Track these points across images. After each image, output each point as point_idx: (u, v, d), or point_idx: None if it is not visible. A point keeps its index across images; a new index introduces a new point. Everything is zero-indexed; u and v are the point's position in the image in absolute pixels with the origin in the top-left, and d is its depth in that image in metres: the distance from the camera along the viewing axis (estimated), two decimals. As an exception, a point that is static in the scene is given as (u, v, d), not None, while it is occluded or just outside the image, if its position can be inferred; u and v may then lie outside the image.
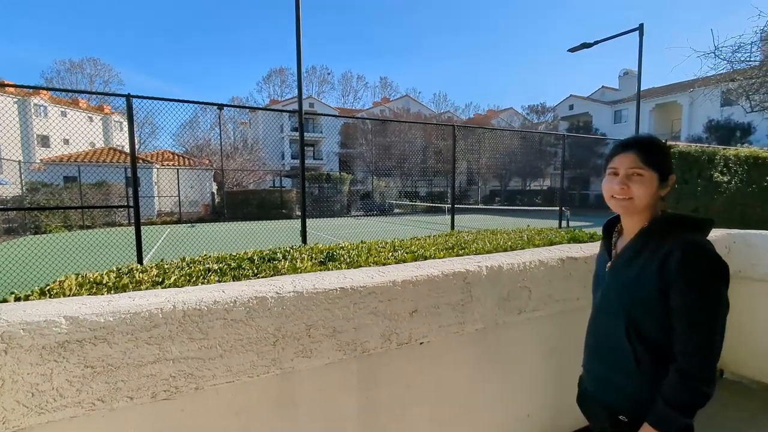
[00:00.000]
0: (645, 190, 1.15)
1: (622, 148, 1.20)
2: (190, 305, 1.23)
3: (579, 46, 11.89)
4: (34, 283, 6.83)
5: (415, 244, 3.08)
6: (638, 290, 1.13)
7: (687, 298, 1.05)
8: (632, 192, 1.16)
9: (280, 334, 1.38)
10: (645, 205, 1.16)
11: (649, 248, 1.14)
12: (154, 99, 5.33)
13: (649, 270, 1.11)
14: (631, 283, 1.15)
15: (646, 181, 1.15)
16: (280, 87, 59.84)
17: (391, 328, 1.60)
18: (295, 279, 1.52)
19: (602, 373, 1.28)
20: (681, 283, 1.05)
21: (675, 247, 1.08)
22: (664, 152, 1.18)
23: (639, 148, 1.17)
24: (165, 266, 2.32)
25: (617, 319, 1.19)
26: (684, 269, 1.05)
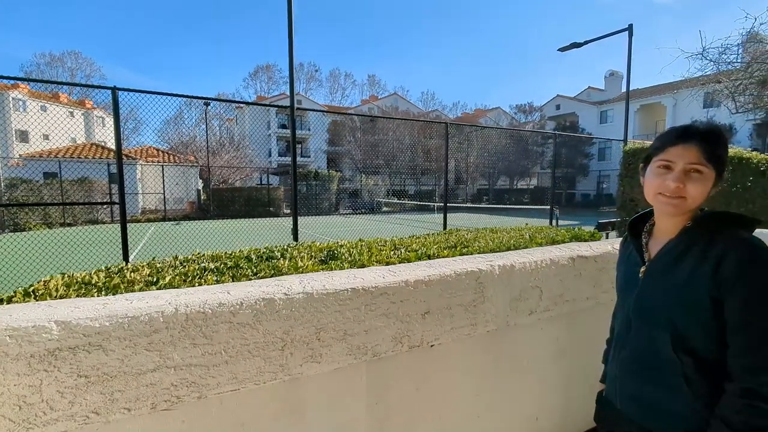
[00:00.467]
0: (703, 189, 0.98)
1: (681, 138, 1.00)
2: (194, 308, 1.14)
3: (569, 45, 11.96)
4: (13, 283, 6.56)
5: (415, 243, 3.01)
6: (687, 298, 0.98)
7: (751, 307, 0.89)
8: (687, 191, 0.98)
9: (289, 338, 1.29)
10: (696, 206, 1.02)
11: (697, 249, 0.99)
12: (140, 92, 5.15)
13: (700, 274, 0.95)
14: (677, 289, 0.99)
15: (706, 180, 0.98)
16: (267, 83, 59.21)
17: (403, 331, 1.52)
18: (303, 279, 1.43)
19: (641, 392, 1.10)
20: (742, 290, 0.90)
21: (731, 247, 0.93)
22: (726, 146, 1.01)
23: (703, 139, 0.98)
24: (157, 265, 2.20)
25: (660, 331, 1.03)
26: (746, 274, 0.90)
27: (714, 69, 10.20)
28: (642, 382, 1.09)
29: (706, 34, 37.16)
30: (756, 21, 8.81)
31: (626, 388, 1.14)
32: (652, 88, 36.31)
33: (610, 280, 2.22)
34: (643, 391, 1.09)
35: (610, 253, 2.21)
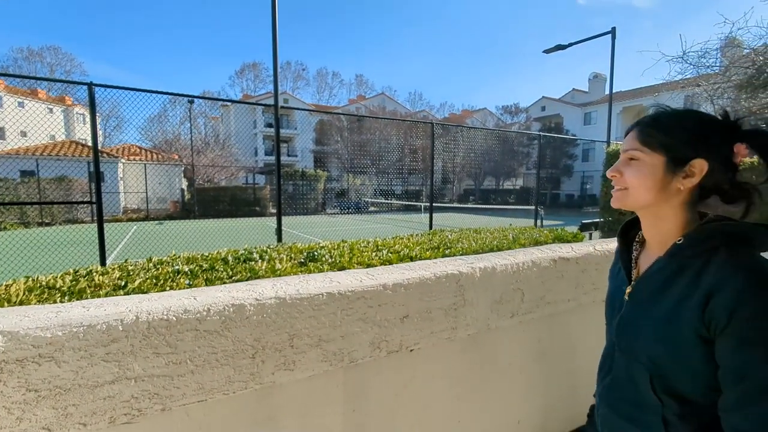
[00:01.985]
0: (640, 177, 0.85)
1: (630, 126, 0.92)
2: (156, 315, 1.08)
3: (553, 47, 12.09)
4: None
5: (398, 243, 2.97)
6: (669, 336, 0.82)
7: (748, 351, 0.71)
8: (625, 180, 0.88)
9: (260, 346, 1.23)
10: (643, 200, 0.86)
11: (689, 274, 0.81)
12: (118, 88, 5.00)
13: (686, 308, 0.79)
14: (659, 324, 0.84)
15: (645, 166, 0.85)
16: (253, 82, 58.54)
17: (381, 336, 1.48)
18: (276, 283, 1.38)
19: (617, 427, 0.98)
20: (738, 329, 0.72)
21: (727, 275, 0.75)
22: (675, 125, 0.84)
23: (640, 124, 0.88)
24: (129, 268, 2.11)
25: (639, 366, 0.88)
26: (737, 317, 0.72)
27: (694, 72, 10.42)
28: (619, 417, 0.96)
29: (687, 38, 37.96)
30: (734, 26, 9.03)
31: (606, 420, 1.02)
32: (634, 91, 37.01)
33: (592, 282, 2.22)
34: (622, 427, 0.96)
35: (591, 254, 2.20)
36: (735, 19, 9.14)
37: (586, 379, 2.38)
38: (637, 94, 35.73)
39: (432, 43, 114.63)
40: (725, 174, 0.83)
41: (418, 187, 33.32)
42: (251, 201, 24.40)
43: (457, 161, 34.67)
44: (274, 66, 5.56)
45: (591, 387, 2.42)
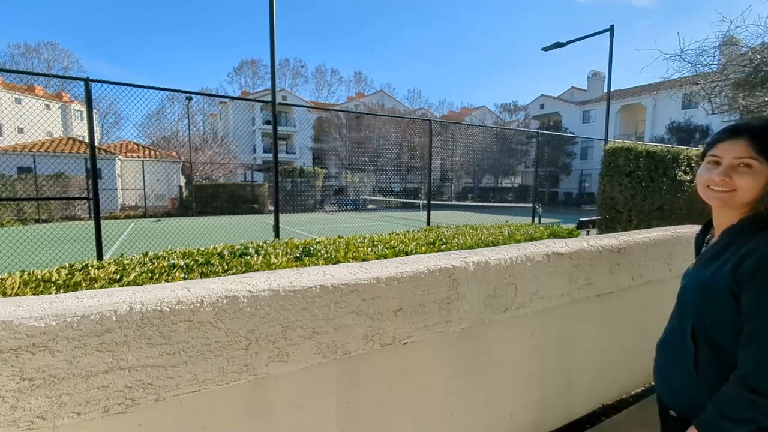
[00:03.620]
0: (753, 183, 0.99)
1: (730, 134, 1.04)
2: (150, 306, 1.09)
3: (552, 45, 12.08)
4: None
5: (394, 239, 2.98)
6: (711, 290, 1.03)
7: (757, 307, 0.93)
8: (736, 184, 1.02)
9: (254, 337, 1.24)
10: (749, 200, 1.02)
11: (732, 248, 1.01)
12: (116, 84, 4.98)
13: (725, 270, 1.00)
14: (706, 282, 1.05)
15: (756, 174, 0.99)
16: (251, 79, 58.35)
17: (375, 329, 1.49)
18: (270, 276, 1.39)
19: (662, 366, 1.22)
20: (755, 285, 0.93)
21: (756, 247, 0.95)
22: None
23: (752, 134, 1.00)
24: (125, 262, 2.12)
25: (687, 317, 1.11)
26: (760, 274, 0.92)
27: (691, 71, 10.43)
28: (665, 359, 1.20)
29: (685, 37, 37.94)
30: (731, 24, 9.04)
31: (657, 363, 1.25)
32: (633, 89, 37.04)
33: (585, 277, 2.24)
34: (664, 366, 1.20)
35: (585, 250, 2.22)
36: (733, 18, 9.17)
37: (581, 375, 2.40)
38: (635, 93, 35.76)
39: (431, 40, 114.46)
40: None
41: (417, 184, 33.32)
42: (249, 198, 24.38)
43: (455, 159, 34.67)
44: (272, 62, 5.55)
45: (587, 383, 2.45)
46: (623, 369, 2.68)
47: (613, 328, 2.55)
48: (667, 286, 2.83)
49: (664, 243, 2.67)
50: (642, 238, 2.55)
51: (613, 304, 2.50)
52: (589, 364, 2.45)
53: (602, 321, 2.47)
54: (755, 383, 0.92)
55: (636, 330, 2.68)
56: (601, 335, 2.48)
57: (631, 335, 2.66)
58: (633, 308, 2.64)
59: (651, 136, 31.92)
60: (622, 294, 2.51)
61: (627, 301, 2.59)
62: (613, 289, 2.41)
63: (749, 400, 0.92)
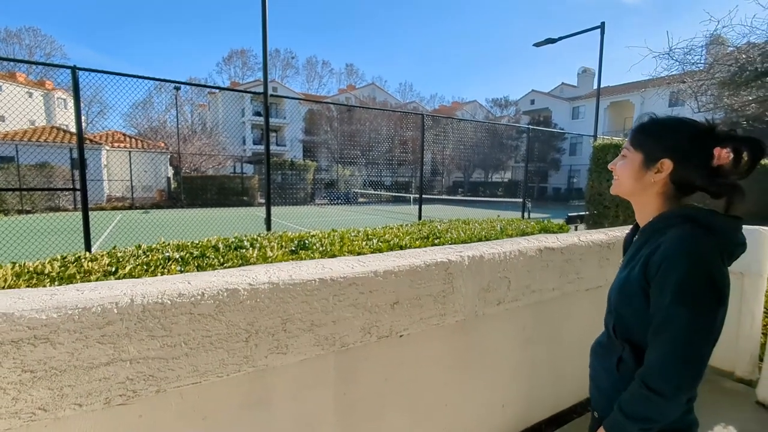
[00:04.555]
0: (625, 170, 1.08)
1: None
2: (151, 298, 1.09)
3: (544, 41, 12.15)
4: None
5: (388, 233, 3.00)
6: (627, 288, 1.03)
7: (661, 300, 0.92)
8: (617, 172, 1.12)
9: (254, 330, 1.26)
10: (627, 186, 1.08)
11: (649, 245, 1.00)
12: (103, 72, 4.88)
13: (637, 267, 1.01)
14: (623, 280, 1.06)
15: (627, 161, 1.08)
16: (241, 69, 57.49)
17: (372, 321, 1.51)
18: (270, 269, 1.40)
19: (593, 368, 1.23)
20: (658, 282, 0.93)
21: (663, 241, 0.95)
22: (656, 132, 1.04)
23: (633, 128, 1.11)
24: (118, 254, 2.11)
25: (609, 317, 1.14)
26: (664, 267, 0.92)
27: (679, 69, 10.59)
28: (596, 361, 1.22)
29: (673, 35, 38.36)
30: (719, 24, 9.19)
31: (591, 367, 1.26)
32: (621, 86, 37.42)
33: (576, 271, 2.29)
34: (593, 365, 1.23)
35: (576, 245, 2.27)
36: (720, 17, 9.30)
37: (570, 367, 2.46)
38: (624, 90, 36.14)
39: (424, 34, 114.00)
40: (696, 172, 0.98)
41: (408, 178, 33.33)
42: (239, 190, 24.16)
43: (446, 153, 34.76)
44: (264, 52, 5.49)
45: (575, 374, 2.51)
46: (610, 361, 2.75)
47: (600, 321, 2.60)
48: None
49: (652, 238, 2.74)
50: (631, 234, 2.61)
51: (601, 297, 2.55)
52: (578, 357, 2.51)
53: (591, 314, 2.52)
54: (650, 380, 0.92)
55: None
56: (589, 328, 2.54)
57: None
58: (621, 302, 2.70)
59: (638, 132, 32.29)
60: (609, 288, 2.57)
61: (615, 295, 2.65)
62: (602, 283, 2.47)
63: (644, 396, 0.92)
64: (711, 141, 0.96)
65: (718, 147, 0.95)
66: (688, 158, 0.98)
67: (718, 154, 0.94)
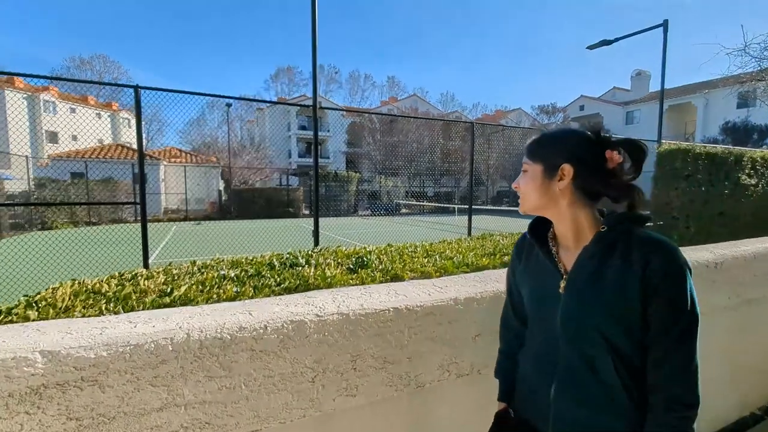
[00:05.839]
0: (529, 184, 1.03)
1: None
2: (209, 333, 0.94)
3: (598, 43, 11.49)
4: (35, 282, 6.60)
5: (448, 248, 2.78)
6: (617, 306, 0.90)
7: (674, 308, 0.87)
8: (520, 188, 1.06)
9: (321, 368, 1.08)
10: (533, 201, 1.02)
11: (616, 254, 0.92)
12: (162, 90, 5.06)
13: (631, 279, 0.89)
14: (607, 298, 0.91)
15: (529, 175, 1.03)
16: (287, 85, 59.57)
17: (451, 357, 1.30)
18: (336, 296, 1.22)
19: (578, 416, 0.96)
20: (667, 290, 0.87)
21: (651, 251, 0.89)
22: (550, 142, 1.02)
23: (527, 144, 1.07)
24: (173, 271, 2.03)
25: (595, 349, 0.93)
26: (671, 273, 0.87)
27: (755, 66, 9.61)
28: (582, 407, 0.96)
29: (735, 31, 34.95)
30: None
31: (564, 413, 0.99)
32: (681, 88, 34.99)
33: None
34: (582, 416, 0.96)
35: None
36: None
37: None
38: (684, 92, 33.76)
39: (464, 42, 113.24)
40: (595, 177, 0.96)
41: (450, 189, 32.81)
42: (285, 202, 24.75)
43: (491, 162, 33.94)
44: (313, 64, 5.49)
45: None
46: (713, 402, 2.35)
47: (704, 354, 2.23)
48: None
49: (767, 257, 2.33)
50: (742, 251, 2.22)
51: (704, 327, 2.18)
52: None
53: (693, 346, 2.16)
54: (690, 399, 0.86)
55: (729, 356, 2.34)
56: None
57: (724, 362, 2.33)
58: (727, 331, 2.31)
59: (702, 137, 29.99)
60: (715, 315, 2.19)
61: (720, 324, 2.26)
62: (706, 309, 2.10)
63: (684, 417, 0.85)
64: (599, 145, 0.96)
65: (608, 150, 0.95)
66: (585, 162, 0.96)
67: (610, 157, 0.94)
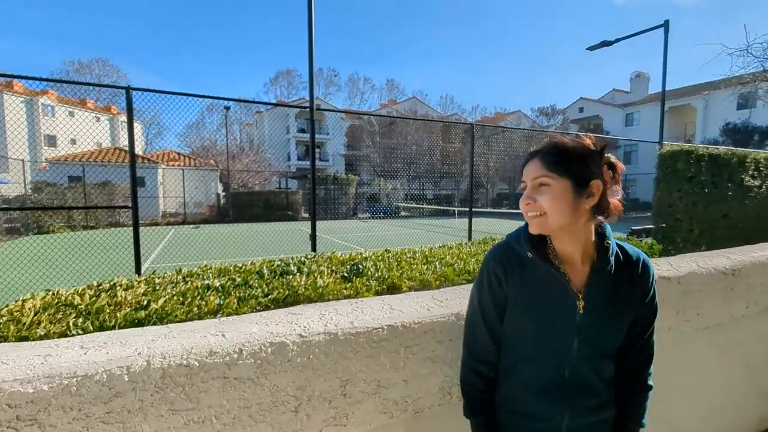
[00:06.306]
0: (553, 201, 0.92)
1: (529, 156, 0.99)
2: (174, 359, 0.82)
3: (598, 44, 11.40)
4: (29, 285, 6.46)
5: (448, 254, 2.65)
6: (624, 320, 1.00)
7: (654, 311, 1.04)
8: (542, 206, 0.94)
9: (305, 396, 0.95)
10: (561, 220, 0.93)
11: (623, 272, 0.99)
12: (155, 92, 4.94)
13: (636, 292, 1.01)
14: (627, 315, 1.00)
15: (555, 192, 0.92)
16: (287, 88, 59.52)
17: (453, 378, 1.17)
18: (324, 311, 1.10)
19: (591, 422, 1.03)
20: (652, 297, 1.02)
21: (644, 261, 1.02)
22: (578, 155, 0.93)
23: (542, 154, 0.96)
24: (156, 280, 1.90)
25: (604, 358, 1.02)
26: (653, 282, 1.03)
27: (758, 66, 9.53)
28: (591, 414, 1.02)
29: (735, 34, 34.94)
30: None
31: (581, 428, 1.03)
32: (680, 90, 34.94)
33: (696, 306, 1.82)
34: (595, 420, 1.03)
35: (695, 272, 1.81)
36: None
37: (681, 423, 1.98)
38: (683, 93, 33.70)
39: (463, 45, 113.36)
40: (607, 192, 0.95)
41: (450, 191, 32.69)
42: (284, 205, 24.63)
43: (490, 164, 33.82)
44: (310, 71, 5.38)
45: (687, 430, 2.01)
46: (733, 414, 2.22)
47: (722, 366, 2.10)
48: (782, 314, 2.35)
49: (782, 262, 2.20)
50: (758, 257, 2.10)
51: (723, 337, 2.06)
52: (692, 411, 2.02)
53: (709, 358, 2.03)
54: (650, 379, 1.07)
55: (748, 367, 2.22)
56: (707, 375, 2.04)
57: (743, 374, 2.20)
58: (746, 341, 2.18)
59: (702, 138, 29.90)
60: (734, 325, 2.07)
61: (740, 334, 2.13)
62: (725, 319, 1.97)
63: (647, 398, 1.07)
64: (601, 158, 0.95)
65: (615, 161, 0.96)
66: (603, 177, 0.94)
67: (622, 169, 0.97)
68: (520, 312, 1.00)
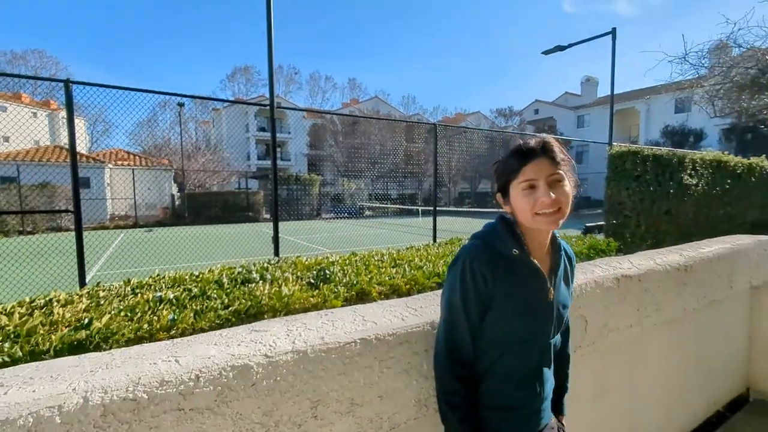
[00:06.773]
0: (568, 195, 0.98)
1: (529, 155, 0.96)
2: (117, 393, 0.71)
3: (553, 48, 11.86)
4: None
5: (416, 256, 2.62)
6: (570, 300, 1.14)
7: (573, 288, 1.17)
8: (560, 201, 0.95)
9: (272, 422, 0.87)
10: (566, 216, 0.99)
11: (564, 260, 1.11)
12: (98, 86, 4.57)
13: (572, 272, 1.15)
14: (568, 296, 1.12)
15: (568, 188, 0.98)
16: (245, 85, 57.72)
17: (429, 390, 1.12)
18: (291, 326, 1.01)
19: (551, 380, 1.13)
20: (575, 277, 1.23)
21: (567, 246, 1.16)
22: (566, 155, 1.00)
23: (544, 151, 0.96)
24: (100, 294, 1.73)
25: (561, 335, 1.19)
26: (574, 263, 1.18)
27: (694, 73, 10.25)
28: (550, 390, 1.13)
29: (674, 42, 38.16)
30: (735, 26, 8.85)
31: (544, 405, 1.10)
32: (626, 94, 37.18)
33: (655, 302, 1.88)
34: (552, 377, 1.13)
35: (654, 270, 1.87)
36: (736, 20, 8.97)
37: (645, 417, 2.05)
38: (628, 97, 35.89)
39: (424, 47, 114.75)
40: None
41: (413, 190, 32.98)
42: (244, 206, 23.87)
43: (452, 164, 34.43)
44: (270, 68, 5.19)
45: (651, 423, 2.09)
46: (683, 404, 2.33)
47: (678, 358, 2.19)
48: (727, 306, 2.49)
49: (726, 257, 2.34)
50: (705, 253, 2.21)
51: (680, 331, 2.15)
52: (655, 404, 2.09)
53: (667, 352, 2.12)
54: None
55: (699, 359, 2.33)
56: (666, 368, 2.13)
57: (693, 363, 2.31)
58: (696, 334, 2.29)
59: (645, 139, 31.97)
60: (686, 318, 2.17)
61: (690, 326, 2.24)
62: (680, 314, 2.06)
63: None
64: None
65: None
66: None
67: None
68: (508, 308, 0.99)
